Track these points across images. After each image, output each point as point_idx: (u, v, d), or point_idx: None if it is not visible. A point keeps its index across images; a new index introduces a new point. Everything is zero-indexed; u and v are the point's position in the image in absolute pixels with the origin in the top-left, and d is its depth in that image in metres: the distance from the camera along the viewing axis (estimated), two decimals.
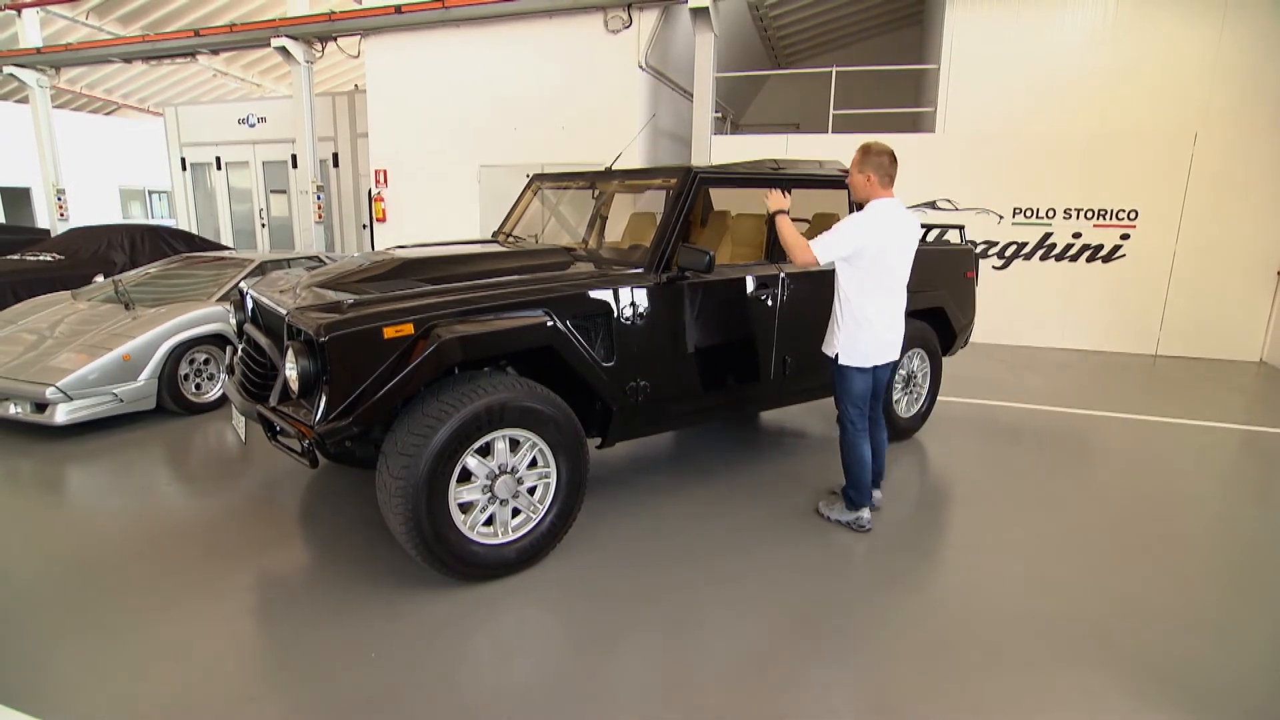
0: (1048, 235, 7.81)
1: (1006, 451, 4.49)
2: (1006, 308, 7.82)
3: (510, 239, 4.21)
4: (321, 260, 5.77)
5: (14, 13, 12.10)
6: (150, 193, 19.66)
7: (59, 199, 12.84)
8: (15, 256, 7.65)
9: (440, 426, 2.43)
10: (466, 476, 2.61)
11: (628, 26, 8.42)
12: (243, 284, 3.45)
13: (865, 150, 3.00)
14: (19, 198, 16.73)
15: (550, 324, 2.70)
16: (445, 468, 2.48)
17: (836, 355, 3.08)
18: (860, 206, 3.22)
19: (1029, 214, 7.84)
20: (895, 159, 2.99)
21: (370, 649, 2.34)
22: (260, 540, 3.11)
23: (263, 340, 2.85)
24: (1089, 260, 7.70)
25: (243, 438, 2.96)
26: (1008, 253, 7.98)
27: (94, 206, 16.97)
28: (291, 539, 3.14)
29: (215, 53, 11.33)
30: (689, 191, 3.25)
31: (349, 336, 2.33)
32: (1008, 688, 2.22)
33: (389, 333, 2.39)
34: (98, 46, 11.40)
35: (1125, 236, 7.53)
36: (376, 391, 2.36)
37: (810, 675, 2.29)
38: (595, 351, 2.94)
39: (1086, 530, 3.35)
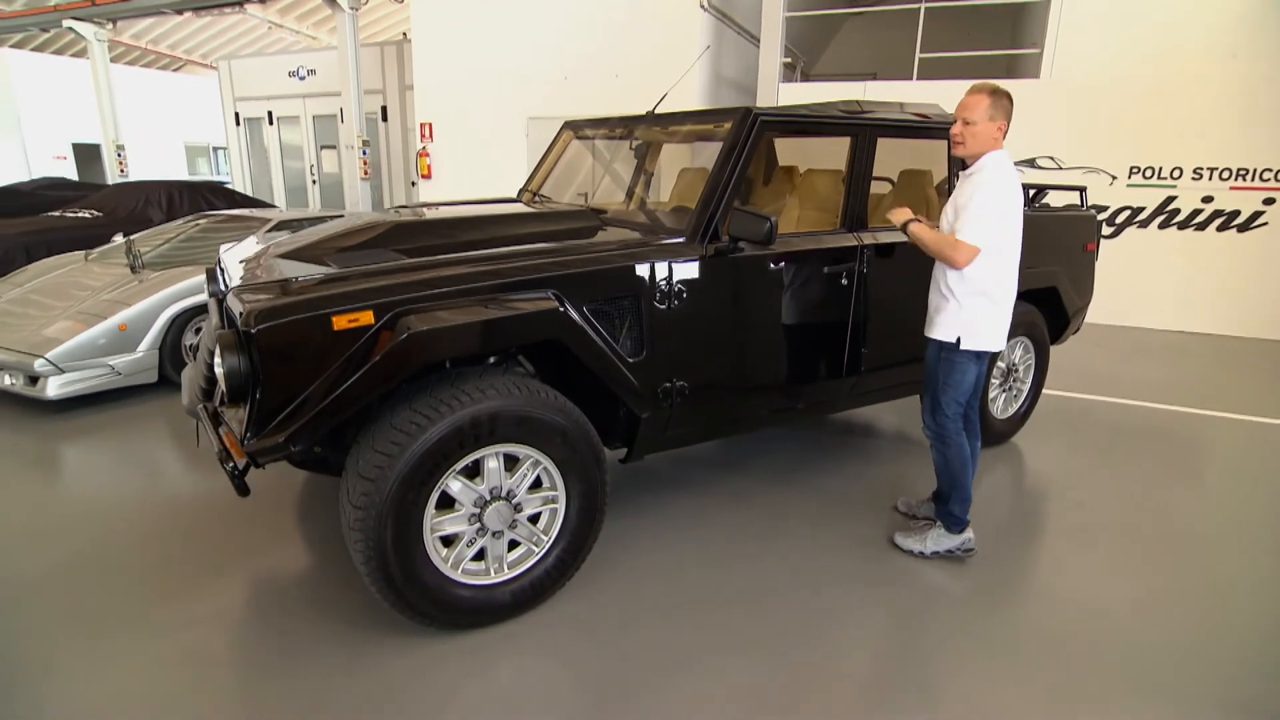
0: (1170, 199, 6.71)
1: (1113, 461, 3.67)
2: (1114, 283, 6.75)
3: (537, 198, 3.61)
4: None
5: None
6: (215, 149, 19.78)
7: (119, 155, 12.88)
8: (56, 213, 7.50)
9: (411, 443, 1.88)
10: (450, 502, 2.07)
11: None
12: (221, 249, 2.97)
13: (996, 93, 2.38)
14: (91, 154, 17.00)
15: (559, 309, 2.10)
16: (418, 494, 1.94)
17: (958, 339, 2.47)
18: (964, 163, 2.50)
19: (1149, 174, 6.75)
20: None
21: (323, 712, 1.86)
22: (241, 545, 2.68)
23: (214, 322, 2.35)
24: (1220, 229, 6.58)
25: (197, 440, 2.49)
26: (1119, 219, 6.93)
27: (161, 163, 17.16)
28: (275, 545, 2.69)
29: (262, 1, 10.98)
30: (747, 139, 2.56)
31: (286, 327, 1.79)
32: None
33: (340, 322, 1.83)
34: None
35: (1270, 201, 6.38)
36: (323, 399, 1.81)
37: None
38: (620, 344, 2.33)
39: (1217, 575, 2.62)
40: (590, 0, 8.13)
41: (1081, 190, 4.15)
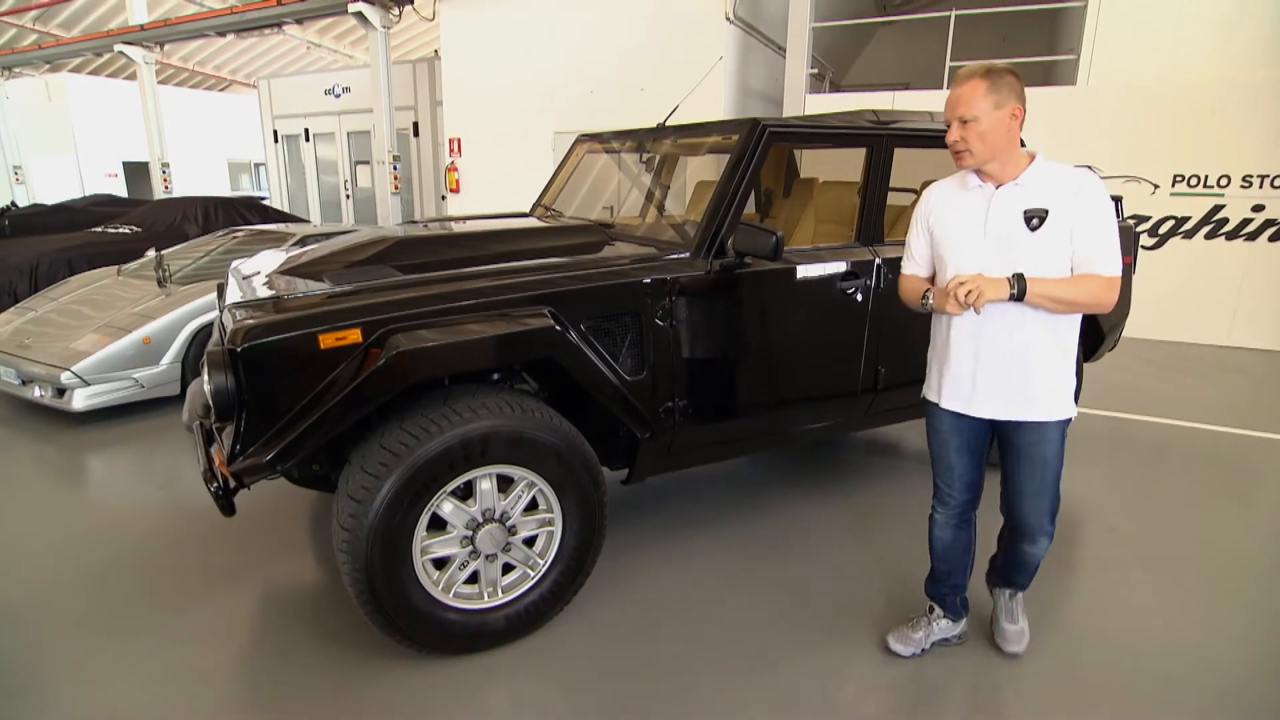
0: (1218, 208, 6.42)
1: (1154, 486, 3.49)
2: (1158, 296, 6.51)
3: (549, 213, 3.58)
4: None
5: None
6: (256, 165, 20.32)
7: (164, 172, 13.32)
8: (99, 229, 7.75)
9: (399, 464, 1.84)
10: (442, 523, 2.02)
11: None
12: (233, 264, 3.00)
13: (991, 72, 1.77)
14: (141, 171, 17.59)
15: (553, 327, 2.05)
16: (407, 516, 1.89)
17: (1075, 411, 1.93)
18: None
19: (1194, 182, 6.46)
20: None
21: None
22: (250, 560, 2.69)
23: (216, 338, 2.36)
24: (1272, 239, 6.26)
25: (198, 458, 2.49)
26: (1163, 230, 6.65)
27: (205, 179, 17.70)
28: (283, 560, 2.68)
29: (300, 22, 11.26)
30: (754, 151, 2.49)
31: (272, 345, 1.77)
32: None
33: (327, 340, 1.81)
34: (192, 20, 11.59)
35: None
36: (309, 418, 1.78)
37: None
38: (620, 362, 2.27)
39: (1264, 612, 2.43)
40: (616, 14, 8.16)
41: (1118, 200, 3.97)
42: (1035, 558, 2.09)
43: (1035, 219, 1.79)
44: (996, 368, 1.88)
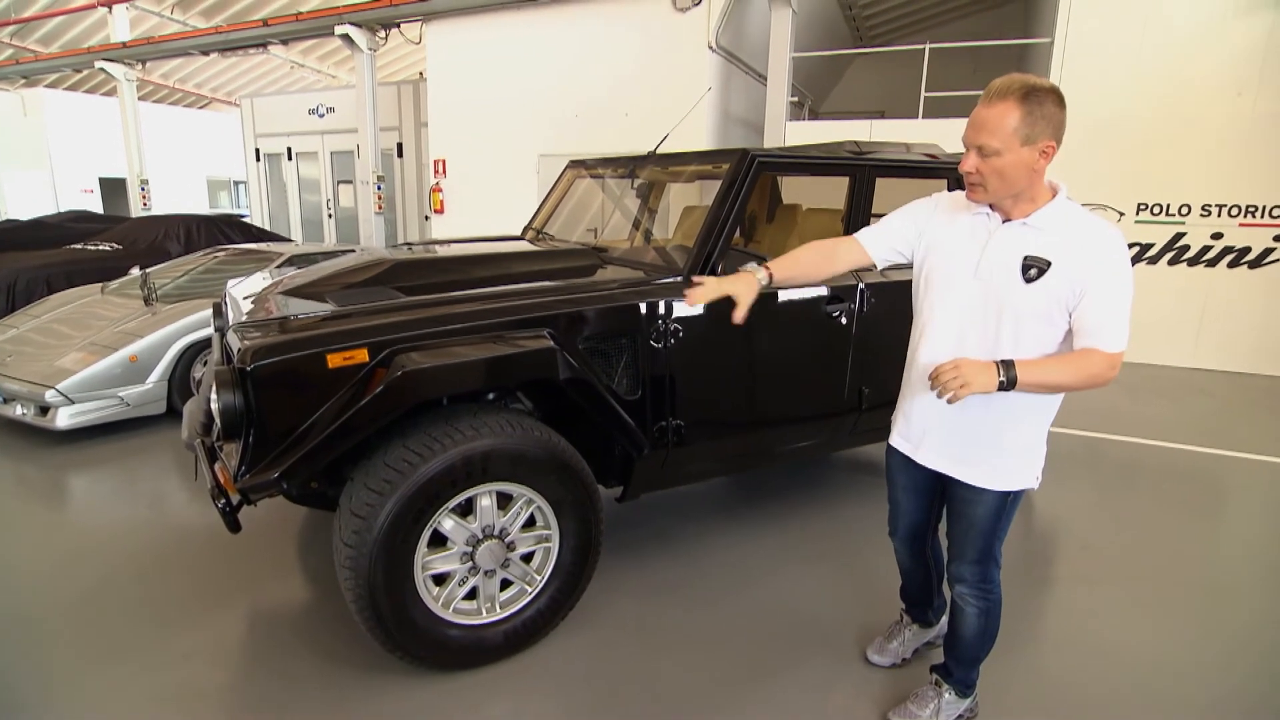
0: (1179, 235, 6.69)
1: (1124, 502, 3.62)
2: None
3: (540, 236, 3.66)
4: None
5: (106, 10, 12.53)
6: (236, 183, 20.18)
7: (143, 189, 13.22)
8: (78, 246, 7.68)
9: (402, 481, 1.88)
10: (442, 540, 2.07)
11: (697, 4, 7.76)
12: (228, 284, 3.03)
13: (1030, 95, 1.48)
14: (117, 188, 17.39)
15: (553, 348, 2.12)
16: (410, 533, 1.94)
17: (1037, 481, 1.76)
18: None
19: (1156, 211, 6.74)
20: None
21: None
22: (241, 578, 2.69)
23: (216, 357, 2.39)
24: (1231, 265, 6.54)
25: (195, 473, 2.51)
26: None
27: (184, 196, 17.55)
28: (275, 579, 2.69)
29: (285, 43, 11.31)
30: (744, 180, 2.59)
31: (281, 365, 1.81)
32: None
33: (335, 360, 1.86)
34: (176, 39, 11.59)
35: None
36: (316, 436, 1.83)
37: None
38: (616, 383, 2.34)
39: (1233, 622, 2.54)
40: (600, 40, 8.33)
41: None
42: (964, 619, 1.88)
43: (1034, 269, 1.57)
44: (951, 424, 1.73)
